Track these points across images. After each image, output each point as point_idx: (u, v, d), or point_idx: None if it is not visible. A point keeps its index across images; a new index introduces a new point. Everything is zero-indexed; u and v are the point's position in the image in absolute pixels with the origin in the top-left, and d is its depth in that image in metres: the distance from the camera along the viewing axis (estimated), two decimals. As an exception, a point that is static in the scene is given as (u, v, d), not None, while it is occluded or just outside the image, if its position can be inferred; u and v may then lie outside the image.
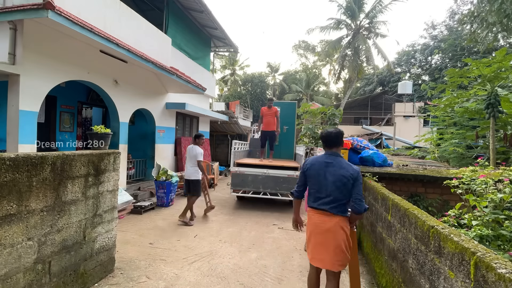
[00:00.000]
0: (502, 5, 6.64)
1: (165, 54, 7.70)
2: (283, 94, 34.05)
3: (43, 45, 4.53)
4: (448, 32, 25.62)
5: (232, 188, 6.65)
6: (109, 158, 3.15)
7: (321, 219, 2.40)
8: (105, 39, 4.71)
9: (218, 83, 32.30)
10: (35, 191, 2.25)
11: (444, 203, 4.36)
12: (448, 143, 8.51)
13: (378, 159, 5.00)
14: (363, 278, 3.36)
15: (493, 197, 2.24)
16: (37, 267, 2.31)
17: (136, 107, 7.16)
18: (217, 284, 3.11)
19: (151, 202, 6.27)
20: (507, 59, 5.32)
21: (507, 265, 1.23)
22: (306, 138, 12.21)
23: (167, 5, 8.47)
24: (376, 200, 3.40)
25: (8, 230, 2.05)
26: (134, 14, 6.54)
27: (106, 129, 3.48)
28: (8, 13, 3.77)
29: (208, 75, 11.93)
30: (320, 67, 35.96)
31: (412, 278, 2.16)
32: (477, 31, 8.13)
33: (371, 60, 20.13)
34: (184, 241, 4.41)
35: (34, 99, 4.46)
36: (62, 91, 6.97)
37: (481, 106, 6.40)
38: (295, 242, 4.54)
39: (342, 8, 20.06)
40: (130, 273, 3.27)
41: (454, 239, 1.60)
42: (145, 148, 8.24)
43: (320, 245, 2.39)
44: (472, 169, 3.03)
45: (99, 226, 3.04)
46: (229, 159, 14.83)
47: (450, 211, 2.55)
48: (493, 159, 5.56)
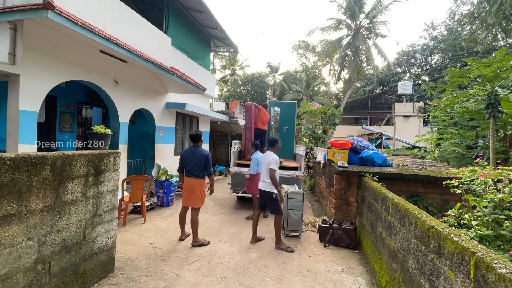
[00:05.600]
0: (501, 7, 6.64)
1: (165, 54, 7.70)
2: (283, 94, 34.05)
3: (43, 45, 4.53)
4: (448, 32, 25.63)
5: (232, 188, 6.64)
6: (109, 158, 3.15)
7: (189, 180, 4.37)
8: (105, 39, 4.71)
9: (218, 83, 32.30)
10: (35, 191, 2.25)
11: (444, 203, 4.36)
12: (448, 143, 8.51)
13: (378, 159, 4.99)
14: (363, 278, 3.37)
15: (492, 197, 2.24)
16: (37, 267, 2.31)
17: (136, 107, 7.16)
18: (217, 284, 3.11)
19: (151, 202, 6.27)
20: (507, 59, 5.32)
21: (507, 265, 1.24)
22: (306, 138, 12.21)
23: (167, 5, 8.47)
24: (376, 200, 3.40)
25: (8, 230, 2.05)
26: (134, 14, 6.54)
27: (106, 129, 3.48)
28: (8, 13, 3.77)
29: (208, 75, 11.93)
30: (320, 67, 35.96)
31: (412, 278, 2.16)
32: (476, 31, 8.13)
33: (371, 60, 20.13)
34: (184, 241, 4.41)
35: (34, 99, 4.46)
36: (62, 91, 6.97)
37: (481, 106, 6.40)
38: (295, 242, 4.54)
39: (342, 8, 20.07)
40: (130, 273, 3.27)
41: (454, 239, 1.60)
42: (145, 148, 8.24)
43: (187, 194, 4.36)
44: (471, 169, 3.03)
45: (99, 226, 3.03)
46: (229, 159, 14.84)
47: (450, 211, 2.55)
48: (493, 159, 5.56)
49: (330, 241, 4.39)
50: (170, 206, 6.64)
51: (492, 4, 6.86)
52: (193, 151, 4.32)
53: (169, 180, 6.55)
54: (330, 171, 5.61)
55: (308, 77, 32.06)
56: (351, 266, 3.69)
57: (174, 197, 6.86)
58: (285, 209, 4.83)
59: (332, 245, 4.38)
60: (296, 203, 4.83)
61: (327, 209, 5.84)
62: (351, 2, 19.57)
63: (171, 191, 6.64)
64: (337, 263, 3.78)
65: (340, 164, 4.78)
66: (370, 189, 3.79)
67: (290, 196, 4.87)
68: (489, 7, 7.02)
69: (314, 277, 3.36)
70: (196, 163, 4.26)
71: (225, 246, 4.27)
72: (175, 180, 6.68)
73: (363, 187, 4.26)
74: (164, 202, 6.55)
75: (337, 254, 4.11)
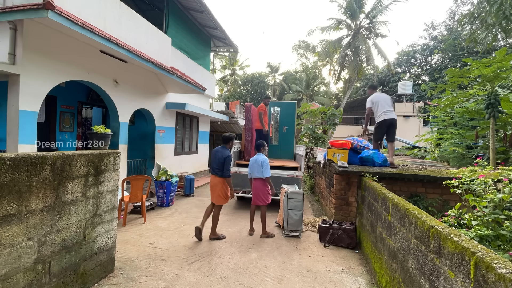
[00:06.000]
0: (501, 7, 6.63)
1: (165, 54, 7.71)
2: (283, 94, 34.06)
3: (43, 45, 4.53)
4: (448, 32, 25.63)
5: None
6: (109, 158, 3.15)
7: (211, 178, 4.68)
8: (105, 39, 4.71)
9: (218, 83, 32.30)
10: (35, 191, 2.25)
11: (444, 203, 4.36)
12: (448, 143, 8.51)
13: (378, 159, 4.99)
14: (363, 278, 3.37)
15: (492, 197, 2.24)
16: (37, 267, 2.31)
17: (136, 107, 7.16)
18: (217, 284, 3.11)
19: (151, 202, 6.27)
20: (507, 59, 5.32)
21: (507, 265, 1.24)
22: (306, 138, 12.21)
23: (167, 5, 8.48)
24: (376, 200, 3.40)
25: (8, 230, 2.05)
26: (134, 14, 6.54)
27: (106, 129, 3.48)
28: (8, 13, 3.77)
29: (208, 75, 11.93)
30: (320, 67, 35.96)
31: (412, 278, 2.16)
32: (476, 31, 8.13)
33: (371, 60, 20.13)
34: (184, 241, 4.41)
35: (34, 99, 4.46)
36: (62, 91, 6.97)
37: (481, 106, 6.40)
38: (295, 242, 4.55)
39: (343, 8, 20.07)
40: (130, 273, 3.27)
41: (454, 239, 1.60)
42: (145, 148, 8.24)
43: (211, 191, 4.64)
44: (471, 169, 3.03)
45: (99, 226, 3.03)
46: (229, 159, 14.82)
47: (450, 211, 2.55)
48: (493, 159, 5.56)
49: (330, 241, 4.39)
50: (170, 206, 6.63)
51: (492, 4, 6.85)
52: (218, 150, 4.63)
53: (169, 180, 6.55)
54: (330, 171, 5.61)
55: (308, 77, 32.06)
56: (351, 266, 3.69)
57: (174, 197, 6.86)
58: (285, 209, 4.84)
59: (332, 245, 4.38)
60: (296, 203, 4.83)
61: (327, 209, 5.84)
62: (351, 2, 19.57)
63: (171, 191, 6.64)
64: (337, 263, 3.78)
65: (340, 164, 4.78)
66: (370, 189, 3.79)
67: (290, 196, 4.86)
68: (489, 7, 7.02)
69: (314, 277, 3.36)
70: (217, 162, 4.56)
71: (225, 246, 4.27)
72: (175, 180, 6.68)
73: (363, 187, 4.26)
74: (164, 202, 6.55)
75: (337, 254, 4.11)
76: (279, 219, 5.38)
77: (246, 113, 7.16)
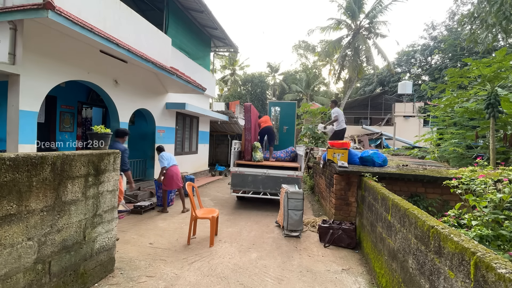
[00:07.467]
0: (501, 7, 6.63)
1: (165, 54, 7.70)
2: (283, 94, 34.04)
3: (43, 45, 4.53)
4: (448, 32, 25.62)
5: (232, 188, 6.65)
6: (109, 158, 3.15)
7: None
8: (105, 39, 4.71)
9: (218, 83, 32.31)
10: (35, 191, 2.25)
11: (444, 203, 4.36)
12: (448, 143, 8.50)
13: (378, 159, 4.99)
14: (363, 278, 3.37)
15: (492, 197, 2.24)
16: (37, 267, 2.31)
17: (136, 107, 7.16)
18: (217, 284, 3.11)
19: (151, 202, 6.27)
20: (507, 59, 5.32)
21: (507, 265, 1.24)
22: (306, 138, 12.20)
23: (167, 5, 8.48)
24: (376, 200, 3.40)
25: (8, 230, 2.05)
26: (134, 14, 6.54)
27: (106, 129, 3.48)
28: (8, 13, 3.77)
29: (208, 75, 11.93)
30: (320, 67, 35.95)
31: (412, 278, 2.16)
32: (476, 31, 8.12)
33: (371, 60, 20.13)
34: (184, 241, 4.41)
35: (34, 99, 4.46)
36: (62, 91, 6.97)
37: (481, 106, 6.39)
38: (295, 242, 4.55)
39: (342, 8, 20.07)
40: (130, 273, 3.28)
41: (454, 239, 1.60)
42: (145, 148, 8.24)
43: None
44: (471, 169, 3.02)
45: (99, 226, 3.04)
46: (229, 159, 14.84)
47: (450, 211, 2.54)
48: (493, 159, 5.56)
49: (330, 241, 4.39)
50: (170, 206, 6.63)
51: (492, 4, 6.85)
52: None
53: (169, 180, 6.54)
54: (330, 171, 5.61)
55: (308, 77, 32.04)
56: (351, 266, 3.69)
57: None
58: (285, 209, 4.84)
59: (332, 245, 4.38)
60: (296, 203, 4.83)
61: (327, 209, 5.84)
62: (351, 2, 19.56)
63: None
64: (337, 263, 3.78)
65: (340, 164, 4.78)
66: (370, 189, 3.79)
67: (290, 196, 4.87)
68: (489, 7, 7.02)
69: (314, 277, 3.36)
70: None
71: (225, 246, 4.27)
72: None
73: (363, 187, 4.26)
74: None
75: (337, 254, 4.11)
76: (279, 219, 5.38)
77: (246, 113, 7.16)
